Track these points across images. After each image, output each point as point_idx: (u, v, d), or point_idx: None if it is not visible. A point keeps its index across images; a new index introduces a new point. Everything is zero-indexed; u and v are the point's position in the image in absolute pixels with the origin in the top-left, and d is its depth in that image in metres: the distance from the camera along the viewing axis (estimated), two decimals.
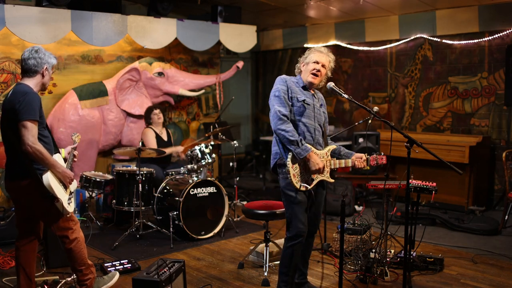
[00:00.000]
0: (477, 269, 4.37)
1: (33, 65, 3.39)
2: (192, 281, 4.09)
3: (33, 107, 3.25)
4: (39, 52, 3.42)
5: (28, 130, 3.21)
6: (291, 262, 3.47)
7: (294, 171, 3.37)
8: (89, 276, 3.61)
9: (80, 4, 6.12)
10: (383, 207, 4.26)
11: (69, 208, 3.43)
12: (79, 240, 3.56)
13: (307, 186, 3.42)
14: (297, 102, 3.41)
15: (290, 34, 8.67)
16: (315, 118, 3.49)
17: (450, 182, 6.17)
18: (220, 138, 6.35)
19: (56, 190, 3.32)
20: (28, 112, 3.22)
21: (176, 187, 5.30)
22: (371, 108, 3.74)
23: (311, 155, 3.34)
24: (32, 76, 3.41)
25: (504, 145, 6.30)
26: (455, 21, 6.57)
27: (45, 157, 3.26)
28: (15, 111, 3.23)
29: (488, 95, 6.43)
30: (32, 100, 3.26)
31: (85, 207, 5.74)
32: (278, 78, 3.50)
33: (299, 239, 3.43)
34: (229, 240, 5.23)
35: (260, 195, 7.07)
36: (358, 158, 3.55)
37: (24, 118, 3.21)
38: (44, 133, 3.40)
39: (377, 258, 4.13)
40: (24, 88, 3.32)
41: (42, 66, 3.41)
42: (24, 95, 3.26)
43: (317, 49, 3.53)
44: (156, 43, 6.60)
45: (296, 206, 3.41)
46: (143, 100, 6.74)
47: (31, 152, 3.22)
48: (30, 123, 3.22)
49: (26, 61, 3.40)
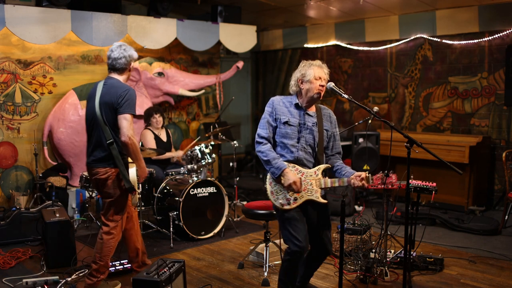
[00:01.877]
0: (477, 269, 4.37)
1: (124, 64, 3.65)
2: (192, 281, 4.09)
3: (134, 102, 3.54)
4: (127, 50, 3.65)
5: (129, 123, 3.52)
6: (289, 274, 3.42)
7: (272, 188, 3.37)
8: (100, 276, 3.71)
9: (80, 4, 6.12)
10: (383, 207, 4.26)
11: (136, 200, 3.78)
12: (114, 237, 3.70)
13: (287, 205, 3.31)
14: (280, 124, 3.39)
15: (290, 34, 8.68)
16: (302, 138, 3.38)
17: (450, 182, 6.17)
18: (220, 138, 6.36)
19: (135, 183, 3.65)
20: (130, 107, 3.52)
21: (176, 187, 5.30)
22: (371, 108, 3.73)
23: (285, 172, 3.26)
24: (122, 73, 3.67)
25: (504, 145, 6.30)
26: (455, 21, 6.57)
27: (138, 152, 3.58)
28: (117, 104, 3.48)
29: (488, 95, 6.43)
30: (133, 96, 3.55)
31: (85, 207, 5.75)
32: (270, 99, 3.48)
33: (296, 255, 3.28)
34: (229, 240, 5.23)
35: (260, 195, 7.06)
36: (357, 176, 3.25)
37: (126, 111, 3.50)
38: None
39: (377, 258, 4.13)
40: (122, 84, 3.60)
41: (131, 63, 3.68)
42: (127, 90, 3.53)
43: (314, 64, 3.39)
44: (156, 43, 6.60)
45: (286, 222, 3.34)
46: (143, 100, 6.74)
47: (129, 144, 3.49)
48: (131, 117, 3.53)
49: (117, 60, 3.62)
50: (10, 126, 6.12)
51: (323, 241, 3.47)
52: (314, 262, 3.61)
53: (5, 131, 6.08)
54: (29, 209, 5.35)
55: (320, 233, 3.46)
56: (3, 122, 6.06)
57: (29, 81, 6.22)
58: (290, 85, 3.49)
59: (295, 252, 3.27)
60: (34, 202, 5.80)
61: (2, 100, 6.04)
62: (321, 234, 3.46)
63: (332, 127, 3.55)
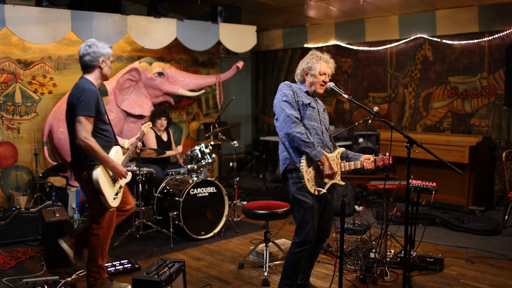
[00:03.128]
0: (477, 269, 4.37)
1: (89, 61, 3.54)
2: (192, 281, 4.09)
3: (90, 103, 3.41)
4: (92, 47, 3.54)
5: (82, 125, 3.38)
6: (296, 268, 3.42)
7: (308, 175, 3.32)
8: (94, 275, 3.67)
9: (80, 4, 6.12)
10: (383, 207, 4.26)
11: (113, 203, 3.57)
12: (100, 237, 3.65)
13: (322, 190, 3.38)
14: (304, 106, 3.39)
15: (290, 34, 8.67)
16: (321, 121, 3.49)
17: (450, 182, 6.17)
18: (220, 138, 6.36)
19: (103, 185, 3.47)
20: (84, 108, 3.39)
21: (176, 187, 5.30)
22: (371, 108, 3.74)
23: (326, 158, 3.31)
24: (90, 71, 3.56)
25: (504, 145, 6.30)
26: (455, 21, 6.57)
27: (96, 153, 3.42)
28: (73, 106, 3.41)
29: (488, 95, 6.43)
30: (89, 97, 3.42)
31: (85, 207, 5.74)
32: (282, 84, 3.48)
33: (308, 245, 3.36)
34: (229, 240, 5.23)
35: (260, 195, 7.07)
36: (367, 160, 3.51)
37: (79, 113, 3.38)
38: (104, 127, 3.56)
39: (377, 258, 4.13)
40: (83, 84, 3.48)
41: (98, 60, 3.54)
42: (82, 91, 3.42)
43: (322, 58, 3.46)
44: (156, 43, 6.60)
45: (308, 211, 3.34)
46: (143, 100, 6.74)
47: (83, 146, 3.39)
48: (85, 118, 3.39)
49: (83, 58, 3.54)
50: (10, 126, 6.12)
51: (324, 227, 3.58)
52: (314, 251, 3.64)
53: (5, 131, 6.08)
54: (29, 209, 5.35)
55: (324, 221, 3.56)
56: (3, 122, 6.06)
57: (29, 81, 6.22)
58: (296, 73, 3.57)
59: (307, 242, 3.36)
60: (34, 202, 5.80)
61: (2, 100, 6.04)
62: (325, 223, 3.58)
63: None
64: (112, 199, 3.56)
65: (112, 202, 3.57)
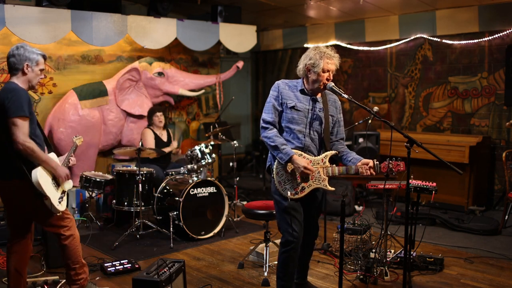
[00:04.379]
0: (477, 269, 4.37)
1: (13, 63, 3.30)
2: (192, 281, 4.09)
3: (21, 103, 3.15)
4: (19, 49, 3.31)
5: (18, 127, 3.13)
6: (287, 268, 3.40)
7: (280, 178, 3.33)
8: (82, 276, 3.58)
9: (80, 4, 6.12)
10: (383, 207, 4.26)
11: (59, 207, 3.35)
12: (74, 237, 3.51)
13: (295, 195, 3.30)
14: (287, 109, 3.34)
15: (290, 34, 8.67)
16: (309, 123, 3.37)
17: (450, 182, 6.17)
18: (220, 138, 6.36)
19: (45, 187, 3.24)
20: (17, 109, 3.13)
21: (176, 187, 5.30)
22: (371, 108, 3.73)
23: (294, 158, 3.22)
24: (15, 74, 3.32)
25: (504, 145, 6.30)
26: (455, 21, 6.57)
27: (37, 154, 3.19)
28: (4, 109, 3.15)
29: (488, 95, 6.43)
30: (20, 96, 3.17)
31: (85, 207, 5.74)
32: (275, 83, 3.45)
33: (292, 244, 3.32)
34: (229, 240, 5.23)
35: (260, 195, 7.07)
36: (364, 165, 3.22)
37: (13, 115, 3.12)
38: (36, 132, 3.32)
39: (377, 258, 4.13)
40: (11, 85, 3.25)
41: (22, 63, 3.29)
42: (12, 92, 3.18)
43: (326, 55, 3.29)
44: (156, 43, 6.60)
45: (284, 212, 3.33)
46: (143, 100, 6.74)
47: (22, 150, 3.14)
48: (20, 120, 3.14)
49: (8, 59, 3.32)
50: None
51: (313, 225, 3.57)
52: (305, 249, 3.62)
53: None
54: None
55: (311, 219, 3.54)
56: None
57: None
58: (298, 68, 3.43)
59: (290, 242, 3.31)
60: None
61: None
62: (312, 220, 3.56)
63: (337, 113, 3.51)
64: (57, 202, 3.32)
65: (59, 206, 3.33)
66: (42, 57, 3.38)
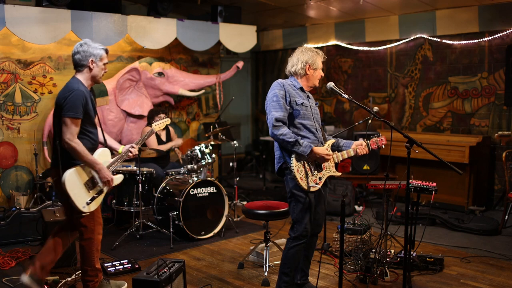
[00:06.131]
0: (477, 269, 4.37)
1: (78, 60, 3.47)
2: (192, 281, 4.09)
3: (76, 105, 3.34)
4: (83, 46, 3.48)
5: (67, 127, 3.32)
6: (294, 263, 3.47)
7: (300, 174, 3.37)
8: (93, 279, 3.62)
9: (80, 4, 6.12)
10: (383, 207, 4.26)
11: (85, 208, 3.42)
12: (93, 241, 3.56)
13: (317, 186, 3.42)
14: (296, 106, 3.43)
15: (290, 34, 8.67)
16: (314, 118, 3.54)
17: (450, 182, 6.17)
18: (220, 138, 6.36)
19: (74, 187, 3.37)
20: (70, 110, 3.32)
21: (176, 187, 5.30)
22: (371, 108, 3.75)
23: (314, 148, 3.36)
24: (81, 71, 3.50)
25: (504, 145, 6.30)
26: (455, 21, 6.57)
27: (81, 155, 3.36)
28: (61, 106, 3.36)
29: (488, 95, 6.43)
30: (76, 99, 3.34)
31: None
32: (275, 82, 3.50)
33: (303, 239, 3.45)
34: (229, 240, 5.23)
35: (260, 195, 7.07)
36: (359, 146, 3.59)
37: (65, 114, 3.33)
38: (91, 129, 3.49)
39: (377, 258, 4.13)
40: (72, 84, 3.42)
41: (87, 59, 3.46)
42: (70, 92, 3.36)
43: (319, 54, 3.57)
44: (156, 43, 6.60)
45: (305, 207, 3.41)
46: (143, 100, 6.74)
47: (67, 148, 3.35)
48: (70, 120, 3.32)
49: (73, 56, 3.48)
50: (10, 126, 6.12)
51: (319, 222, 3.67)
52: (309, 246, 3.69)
53: (5, 131, 6.08)
54: (29, 209, 5.35)
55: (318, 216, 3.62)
56: (3, 122, 6.06)
57: (29, 81, 6.22)
58: (295, 67, 3.53)
59: (304, 236, 3.43)
60: (34, 202, 5.80)
61: (2, 100, 6.04)
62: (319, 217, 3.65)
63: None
64: (84, 204, 3.40)
65: (85, 208, 3.41)
66: (105, 52, 3.56)
